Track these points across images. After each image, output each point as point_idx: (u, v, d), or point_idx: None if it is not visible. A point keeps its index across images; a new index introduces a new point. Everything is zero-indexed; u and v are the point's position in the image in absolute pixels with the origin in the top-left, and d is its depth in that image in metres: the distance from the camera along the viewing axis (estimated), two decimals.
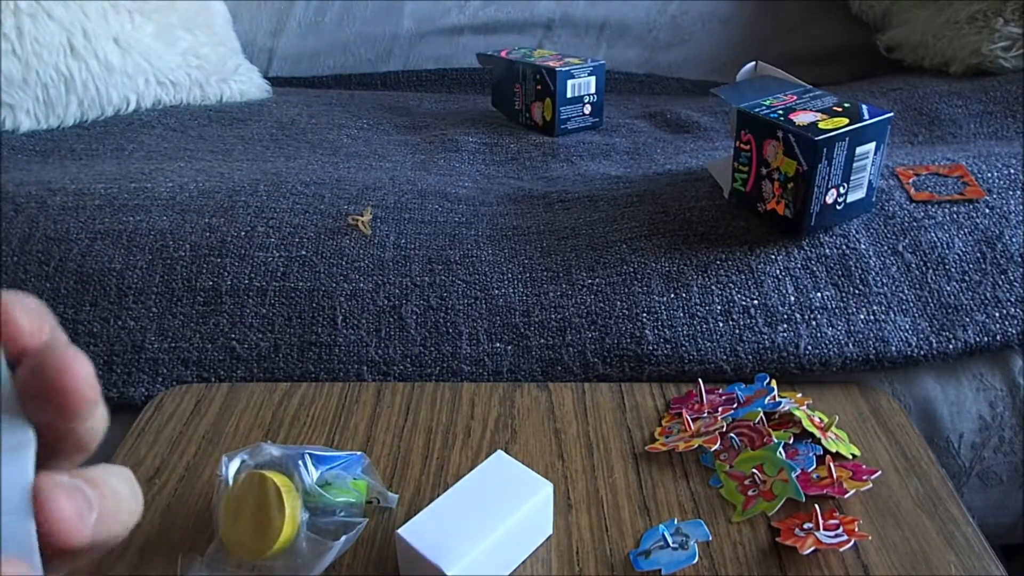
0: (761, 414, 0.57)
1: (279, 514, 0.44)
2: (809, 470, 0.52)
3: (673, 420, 0.59)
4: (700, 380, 0.61)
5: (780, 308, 0.65)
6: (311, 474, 0.47)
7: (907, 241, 0.69)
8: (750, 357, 0.63)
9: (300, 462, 0.47)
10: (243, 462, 0.48)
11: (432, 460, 0.55)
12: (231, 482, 0.47)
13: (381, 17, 1.34)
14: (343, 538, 0.46)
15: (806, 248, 0.69)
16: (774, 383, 0.60)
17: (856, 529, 0.47)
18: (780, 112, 0.67)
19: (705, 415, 0.58)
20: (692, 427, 0.57)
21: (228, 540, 0.45)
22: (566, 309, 0.66)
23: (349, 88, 1.33)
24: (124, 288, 0.67)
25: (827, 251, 0.68)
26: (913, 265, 0.67)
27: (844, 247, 0.68)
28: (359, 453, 0.51)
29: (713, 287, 0.67)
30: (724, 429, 0.56)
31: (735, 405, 0.58)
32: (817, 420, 0.57)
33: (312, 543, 0.45)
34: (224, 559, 0.46)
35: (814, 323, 0.64)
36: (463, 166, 0.95)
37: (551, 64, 1.01)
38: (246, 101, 1.16)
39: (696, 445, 0.55)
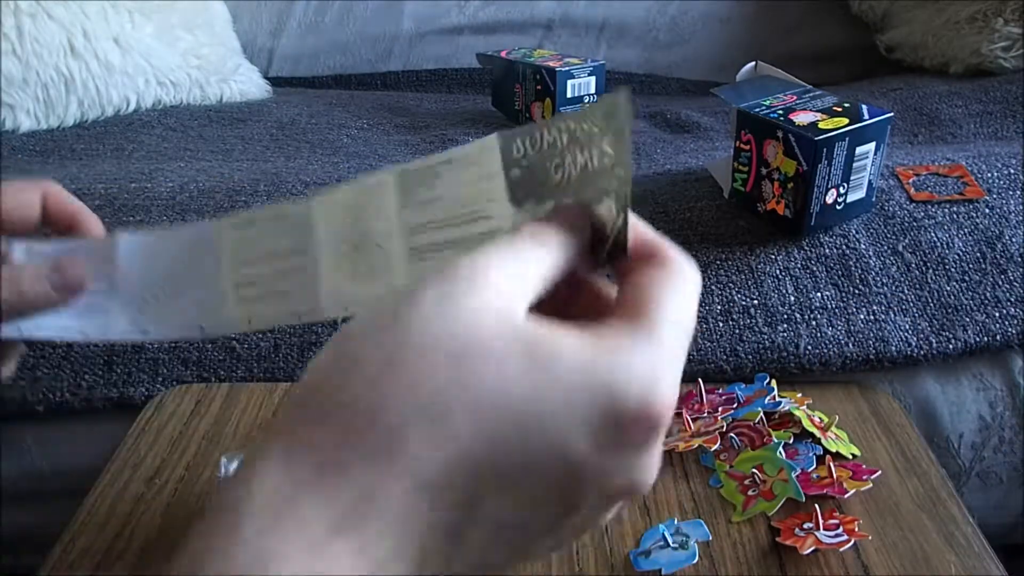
0: (761, 414, 0.57)
1: None
2: (809, 470, 0.52)
3: (673, 421, 0.59)
4: (700, 380, 0.61)
5: (780, 308, 0.65)
6: None
7: (907, 241, 0.69)
8: (750, 357, 0.63)
9: None
10: (241, 463, 0.48)
11: None
12: None
13: (381, 17, 1.34)
14: None
15: (806, 248, 0.69)
16: (774, 383, 0.60)
17: (856, 529, 0.47)
18: (780, 112, 0.67)
19: (705, 415, 0.58)
20: (692, 427, 0.57)
21: None
22: None
23: (349, 88, 1.33)
24: None
25: (827, 251, 0.68)
26: (913, 265, 0.67)
27: (844, 247, 0.68)
28: None
29: (713, 287, 0.67)
30: (724, 429, 0.56)
31: (735, 405, 0.58)
32: (817, 420, 0.57)
33: None
34: None
35: (814, 323, 0.64)
36: None
37: (551, 64, 1.01)
38: (246, 101, 1.16)
39: (696, 445, 0.55)
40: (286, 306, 0.45)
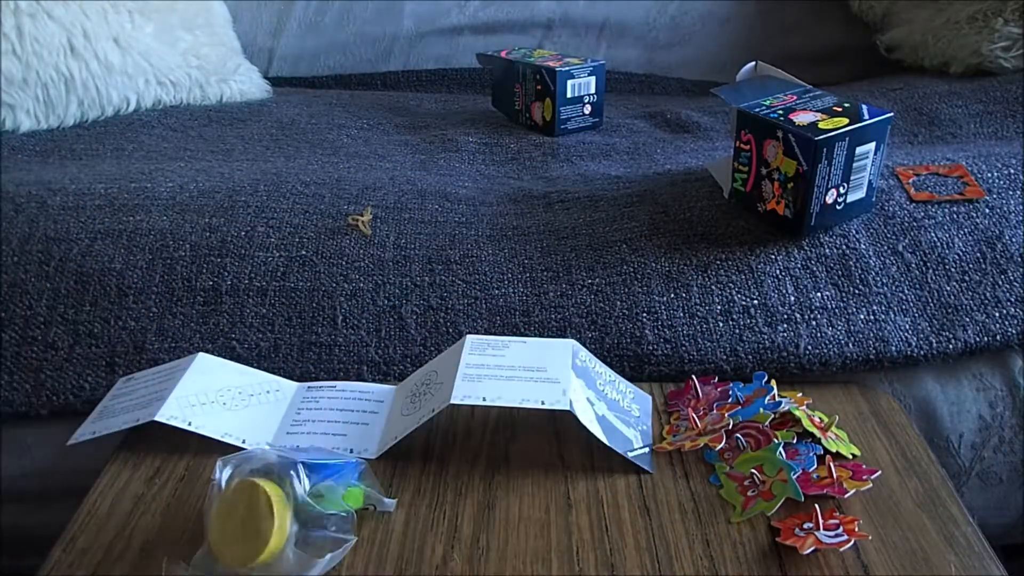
0: (772, 417, 0.57)
1: (268, 525, 0.44)
2: (809, 470, 0.52)
3: (680, 418, 0.59)
4: (693, 377, 0.61)
5: (780, 308, 0.65)
6: (303, 484, 0.47)
7: (907, 241, 0.69)
8: (750, 357, 0.63)
9: (292, 472, 0.47)
10: (237, 467, 0.48)
11: (432, 460, 0.55)
12: (223, 487, 0.46)
13: (381, 17, 1.34)
14: (328, 556, 0.46)
15: (806, 248, 0.69)
16: (773, 382, 0.60)
17: (856, 529, 0.47)
18: (780, 112, 0.67)
19: (713, 412, 0.58)
20: (699, 425, 0.57)
21: (216, 546, 0.45)
22: (566, 309, 0.66)
23: (349, 88, 1.33)
24: (124, 288, 0.67)
25: (827, 251, 0.68)
26: (913, 265, 0.67)
27: (844, 247, 0.68)
28: (355, 460, 0.51)
29: (713, 287, 0.67)
30: (730, 427, 0.56)
31: (732, 400, 0.58)
32: (817, 420, 0.57)
33: (299, 557, 0.45)
34: (211, 565, 0.45)
35: (814, 323, 0.64)
36: (463, 166, 0.95)
37: (551, 64, 1.01)
38: (246, 101, 1.16)
39: (701, 444, 0.55)
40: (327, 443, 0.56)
